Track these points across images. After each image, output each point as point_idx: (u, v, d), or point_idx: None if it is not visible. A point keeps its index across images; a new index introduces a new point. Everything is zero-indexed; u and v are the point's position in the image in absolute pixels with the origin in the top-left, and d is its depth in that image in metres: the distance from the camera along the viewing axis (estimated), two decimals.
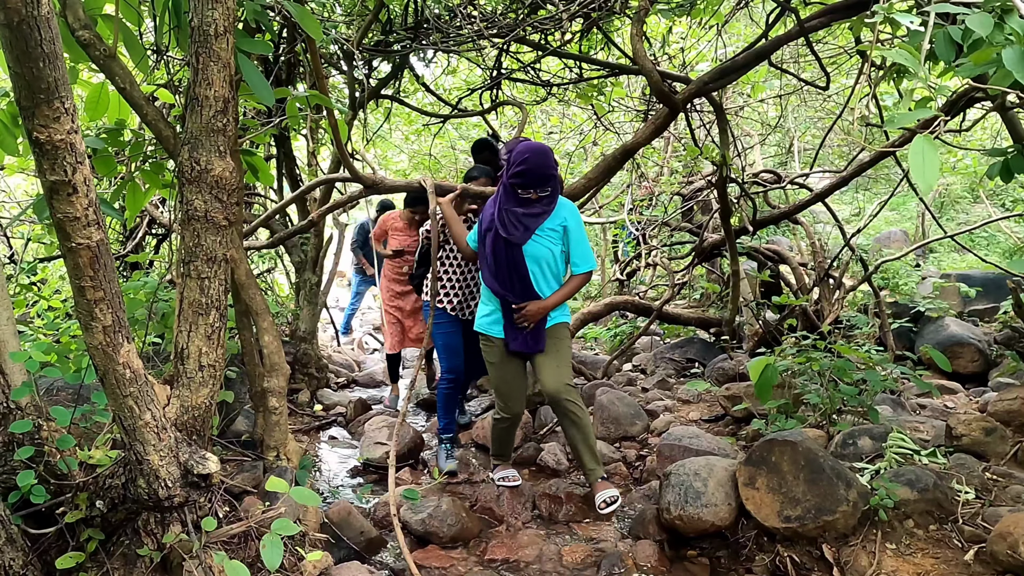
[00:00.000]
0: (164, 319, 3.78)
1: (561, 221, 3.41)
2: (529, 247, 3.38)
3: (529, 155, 3.21)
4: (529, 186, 3.24)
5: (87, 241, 1.76)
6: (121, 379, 1.97)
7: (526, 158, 3.21)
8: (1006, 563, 2.48)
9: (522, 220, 3.32)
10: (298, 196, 4.38)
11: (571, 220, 3.43)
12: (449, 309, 4.20)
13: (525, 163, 3.21)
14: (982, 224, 5.58)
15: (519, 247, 3.36)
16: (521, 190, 3.27)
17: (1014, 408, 3.73)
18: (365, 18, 4.51)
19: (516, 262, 3.37)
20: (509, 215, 3.35)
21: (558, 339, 3.52)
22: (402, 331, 5.50)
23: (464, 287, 4.21)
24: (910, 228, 11.75)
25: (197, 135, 2.32)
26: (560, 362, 3.47)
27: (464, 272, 4.19)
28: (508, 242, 3.35)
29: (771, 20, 4.35)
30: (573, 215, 3.45)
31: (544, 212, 3.34)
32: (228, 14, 2.29)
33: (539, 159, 3.22)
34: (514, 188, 3.29)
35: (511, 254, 3.37)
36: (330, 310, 7.87)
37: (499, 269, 3.42)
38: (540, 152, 3.24)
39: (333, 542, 3.11)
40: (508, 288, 3.43)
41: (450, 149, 10.12)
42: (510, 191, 3.32)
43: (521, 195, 3.29)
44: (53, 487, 2.28)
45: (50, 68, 1.53)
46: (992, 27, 1.93)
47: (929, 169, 1.69)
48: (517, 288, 3.42)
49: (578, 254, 3.47)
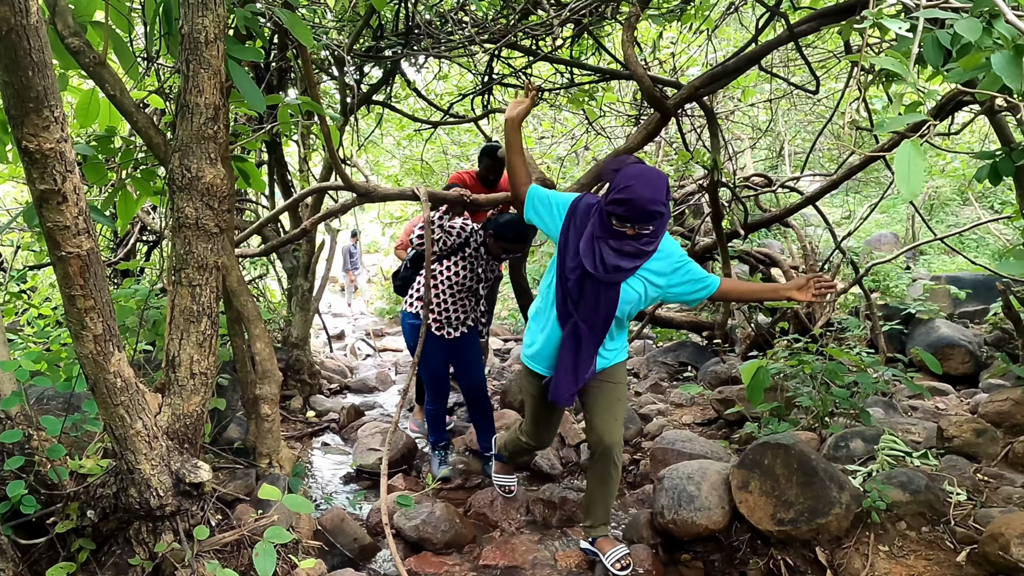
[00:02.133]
0: (155, 326, 3.76)
1: (662, 270, 2.82)
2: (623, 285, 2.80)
3: (635, 183, 2.58)
4: (627, 220, 2.62)
5: (77, 250, 1.75)
6: (112, 388, 1.96)
7: (630, 186, 2.57)
8: (998, 564, 2.49)
9: (608, 257, 2.72)
10: (290, 205, 4.38)
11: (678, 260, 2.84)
12: (435, 328, 3.95)
13: (628, 191, 2.57)
14: (971, 226, 5.62)
15: (615, 286, 2.78)
16: (617, 221, 2.65)
17: (1005, 409, 3.75)
18: (356, 24, 4.50)
19: (607, 300, 2.79)
20: (597, 245, 2.74)
21: (615, 383, 3.04)
22: None
23: (450, 305, 3.93)
24: (900, 231, 11.82)
25: (188, 142, 2.31)
26: (615, 412, 3.03)
27: (453, 287, 3.88)
28: (592, 276, 2.76)
29: (761, 25, 4.37)
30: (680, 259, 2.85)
31: (639, 254, 2.73)
32: (219, 21, 2.29)
33: (647, 190, 2.57)
34: (609, 217, 2.67)
35: (597, 291, 2.79)
36: (322, 316, 7.85)
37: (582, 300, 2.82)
38: (650, 181, 2.60)
39: (327, 549, 3.11)
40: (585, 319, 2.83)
41: (442, 155, 10.12)
42: (604, 219, 2.70)
43: (616, 227, 2.67)
44: (44, 497, 2.26)
45: (39, 77, 1.52)
46: (980, 32, 1.95)
47: (914, 176, 1.70)
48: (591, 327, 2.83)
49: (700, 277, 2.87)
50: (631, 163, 2.69)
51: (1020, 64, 1.86)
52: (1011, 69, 1.86)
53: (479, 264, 3.91)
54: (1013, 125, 3.94)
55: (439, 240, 3.80)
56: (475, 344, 4.16)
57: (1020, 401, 3.70)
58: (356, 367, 7.68)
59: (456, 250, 3.87)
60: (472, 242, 3.85)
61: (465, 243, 3.85)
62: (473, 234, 3.85)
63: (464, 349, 4.08)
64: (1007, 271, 2.73)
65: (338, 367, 7.15)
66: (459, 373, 4.16)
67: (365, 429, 4.62)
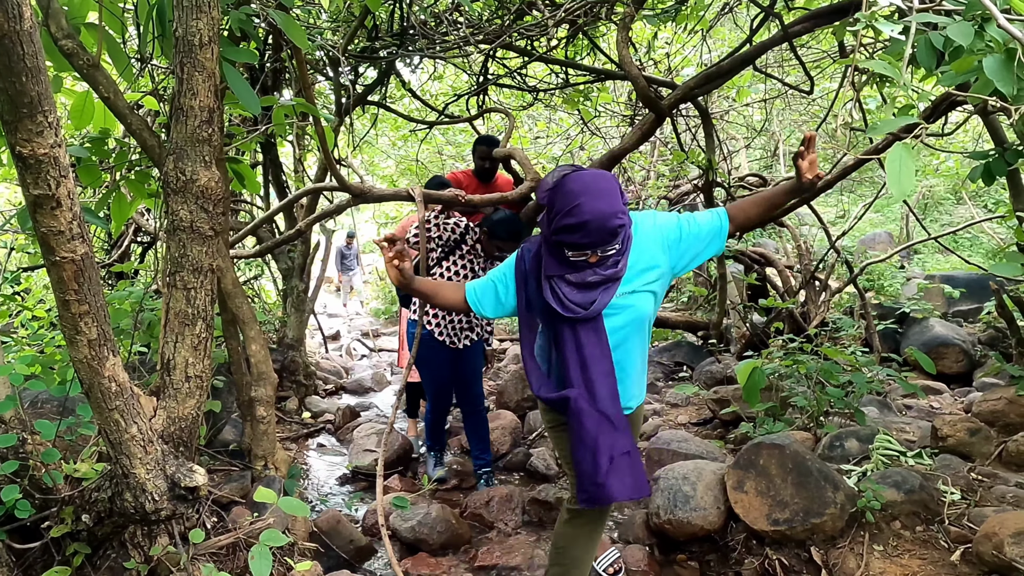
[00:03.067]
0: (150, 329, 3.75)
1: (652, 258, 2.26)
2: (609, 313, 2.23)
3: (584, 198, 2.02)
4: (587, 247, 2.07)
5: (71, 255, 1.75)
6: (107, 393, 1.96)
7: (578, 204, 2.02)
8: (991, 563, 2.50)
9: (572, 295, 2.17)
10: (285, 206, 4.37)
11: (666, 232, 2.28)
12: (437, 334, 3.86)
13: (579, 211, 2.02)
14: (965, 226, 5.63)
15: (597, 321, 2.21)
16: (573, 252, 2.10)
17: (998, 408, 3.76)
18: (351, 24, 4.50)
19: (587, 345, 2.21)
20: (553, 285, 2.20)
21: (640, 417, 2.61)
22: None
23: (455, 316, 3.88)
24: (895, 230, 11.85)
25: (182, 145, 2.31)
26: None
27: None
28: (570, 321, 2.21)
29: (755, 26, 4.37)
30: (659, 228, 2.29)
31: (609, 280, 2.16)
32: (213, 24, 2.28)
33: (600, 203, 2.02)
34: (560, 248, 2.13)
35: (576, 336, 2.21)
36: (318, 316, 7.84)
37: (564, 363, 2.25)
38: (600, 191, 2.05)
39: (322, 551, 3.11)
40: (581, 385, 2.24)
41: (437, 155, 10.11)
42: (555, 252, 2.17)
43: (573, 258, 2.12)
44: (38, 501, 2.26)
45: (33, 82, 1.52)
46: (972, 36, 1.95)
47: (905, 177, 1.71)
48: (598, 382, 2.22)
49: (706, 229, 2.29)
50: (566, 174, 2.14)
51: (1011, 68, 1.87)
52: (1002, 73, 1.87)
53: (478, 263, 3.88)
54: (1006, 125, 3.96)
55: (436, 237, 3.77)
56: (479, 358, 4.08)
57: (1014, 400, 3.72)
58: (352, 368, 7.67)
59: (454, 248, 3.83)
60: (468, 239, 3.84)
61: (462, 239, 3.83)
62: (469, 230, 3.84)
63: (467, 361, 3.99)
64: (1000, 272, 2.74)
65: (333, 368, 7.14)
66: (458, 387, 4.06)
67: (361, 430, 4.62)
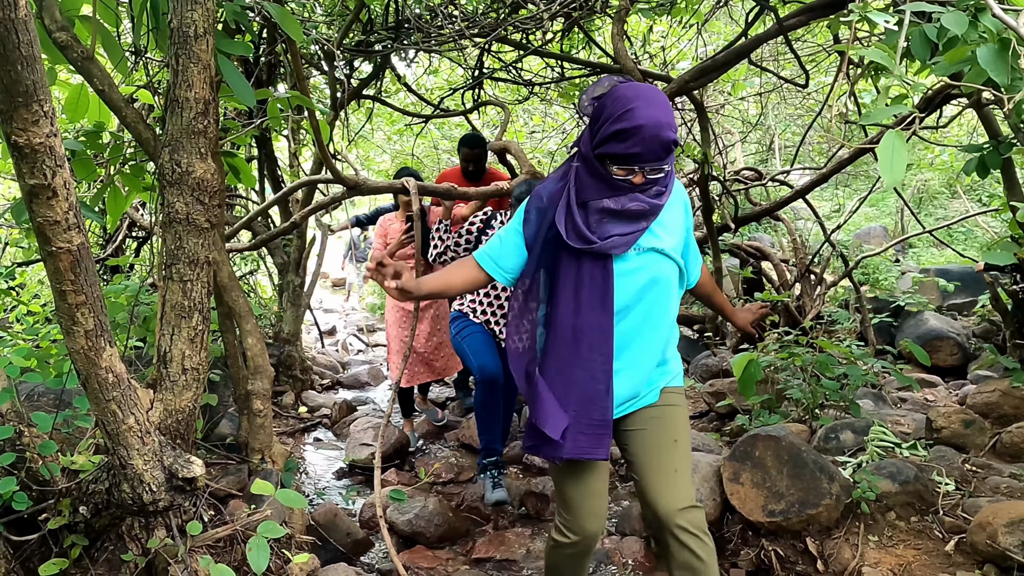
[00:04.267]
0: (146, 323, 3.75)
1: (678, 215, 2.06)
2: (626, 264, 1.96)
3: (638, 104, 1.77)
4: (635, 160, 1.80)
5: (68, 245, 1.75)
6: (104, 383, 1.96)
7: (631, 109, 1.77)
8: (986, 553, 2.52)
9: (612, 220, 1.89)
10: (280, 198, 4.36)
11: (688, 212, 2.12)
12: (487, 323, 3.70)
13: (631, 116, 1.77)
14: (960, 219, 5.64)
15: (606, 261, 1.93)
16: (618, 166, 1.83)
17: (992, 400, 3.78)
18: (346, 18, 4.49)
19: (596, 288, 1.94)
20: (590, 212, 1.90)
21: (672, 418, 2.10)
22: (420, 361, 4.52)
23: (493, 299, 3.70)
24: (889, 224, 11.88)
25: (178, 137, 2.30)
26: (677, 459, 2.05)
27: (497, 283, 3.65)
28: (589, 255, 1.92)
29: (750, 19, 4.38)
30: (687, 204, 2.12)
31: (648, 212, 1.90)
32: (208, 15, 2.28)
33: (655, 111, 1.78)
34: (602, 162, 1.85)
35: (590, 275, 1.93)
36: (314, 311, 7.83)
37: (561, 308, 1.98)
38: (655, 99, 1.80)
39: (320, 544, 3.11)
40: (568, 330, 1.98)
41: (432, 149, 10.10)
42: (595, 168, 1.88)
43: (616, 176, 1.85)
44: (35, 493, 2.26)
45: (28, 71, 1.52)
46: (966, 25, 1.96)
47: (897, 165, 1.72)
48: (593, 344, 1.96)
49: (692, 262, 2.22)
50: (618, 83, 1.90)
51: (1005, 58, 1.88)
52: (996, 63, 1.88)
53: None
54: (1000, 118, 3.97)
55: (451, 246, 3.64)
56: None
57: (1008, 392, 3.74)
58: (348, 363, 7.67)
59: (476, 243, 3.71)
60: (495, 224, 3.70)
61: (483, 232, 3.70)
62: (495, 216, 3.70)
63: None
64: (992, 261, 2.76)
65: (330, 363, 7.14)
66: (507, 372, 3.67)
67: (357, 424, 4.62)
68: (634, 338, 2.02)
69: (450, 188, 3.73)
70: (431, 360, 4.52)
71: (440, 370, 4.58)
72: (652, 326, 2.02)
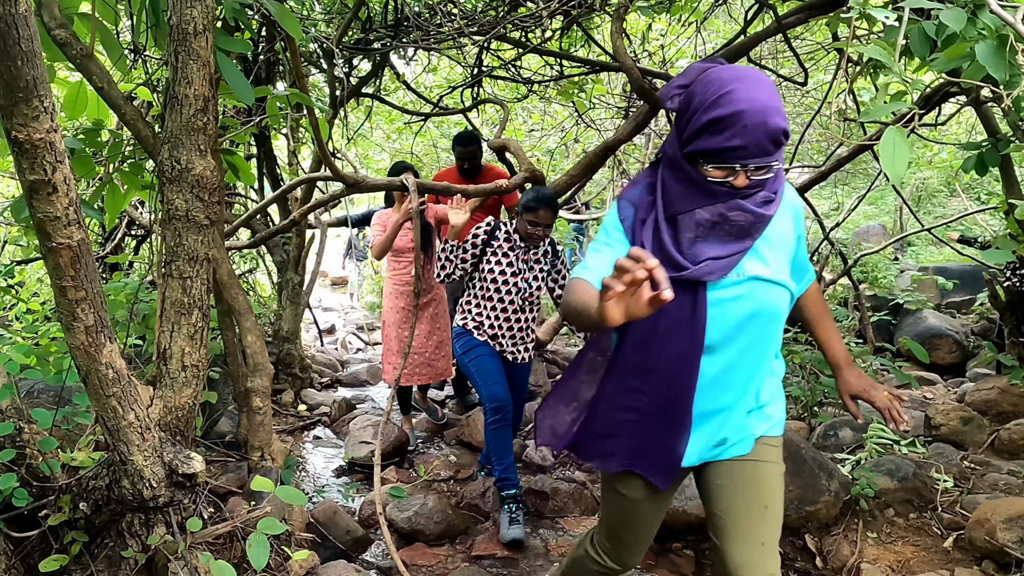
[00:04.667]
0: (145, 320, 3.75)
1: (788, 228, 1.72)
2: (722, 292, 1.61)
3: (737, 85, 1.47)
4: (734, 154, 1.48)
5: (68, 240, 1.75)
6: (104, 379, 1.96)
7: (729, 92, 1.46)
8: (984, 549, 2.53)
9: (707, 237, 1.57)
10: (279, 195, 4.36)
11: (799, 223, 1.78)
12: (496, 345, 3.52)
13: (729, 100, 1.46)
14: (958, 217, 5.64)
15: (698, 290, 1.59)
16: (714, 164, 1.51)
17: (991, 398, 3.79)
18: (345, 16, 4.49)
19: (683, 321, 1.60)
20: (680, 229, 1.59)
21: (765, 479, 1.78)
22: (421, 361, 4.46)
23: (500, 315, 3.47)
24: (888, 222, 11.89)
25: (177, 134, 2.30)
26: (766, 529, 1.76)
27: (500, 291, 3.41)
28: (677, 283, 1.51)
29: (749, 17, 4.38)
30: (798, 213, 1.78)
31: (757, 221, 1.56)
32: (207, 12, 2.28)
33: (759, 92, 1.46)
34: (694, 162, 1.54)
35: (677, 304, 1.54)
36: (313, 310, 7.83)
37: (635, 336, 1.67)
38: (759, 81, 1.49)
39: (319, 541, 3.11)
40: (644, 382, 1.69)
41: (432, 148, 10.10)
42: (685, 171, 1.56)
43: (712, 179, 1.53)
44: (35, 490, 2.26)
45: (29, 66, 1.52)
46: (965, 22, 1.97)
47: (899, 160, 1.72)
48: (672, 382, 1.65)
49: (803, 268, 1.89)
50: (707, 68, 1.58)
51: (1003, 54, 1.88)
52: (994, 59, 1.88)
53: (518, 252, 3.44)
54: (999, 116, 3.97)
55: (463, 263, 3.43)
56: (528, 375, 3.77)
57: (1006, 389, 3.75)
58: (347, 361, 7.67)
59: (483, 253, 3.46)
60: (499, 234, 3.46)
61: (487, 245, 3.46)
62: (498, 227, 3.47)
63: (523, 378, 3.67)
64: (992, 260, 2.76)
65: (329, 361, 7.14)
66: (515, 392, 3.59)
67: (356, 422, 4.62)
68: (726, 378, 1.69)
69: (448, 185, 3.74)
70: (432, 360, 4.52)
71: (441, 370, 4.57)
72: (749, 365, 1.69)
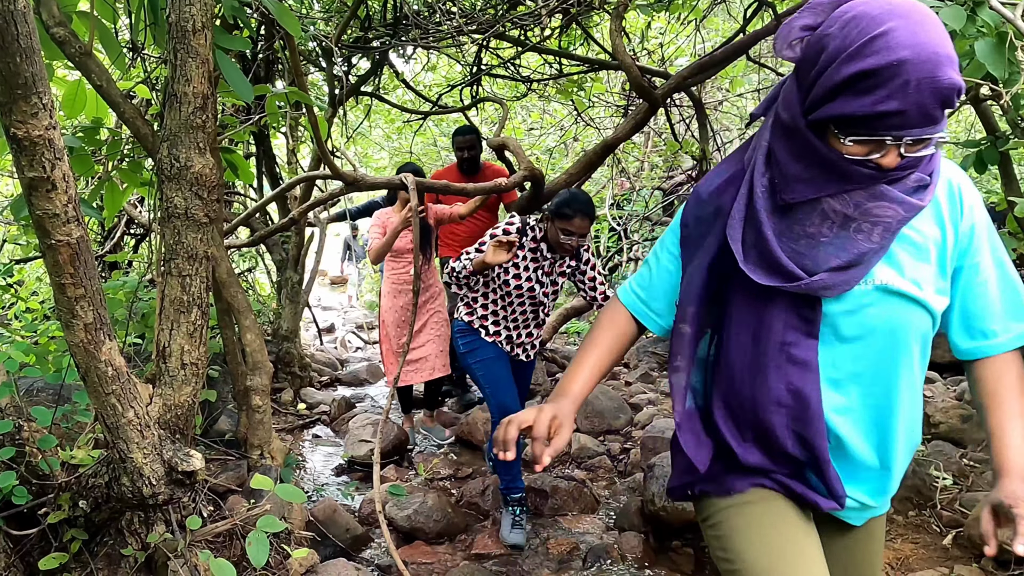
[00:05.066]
0: (144, 319, 3.75)
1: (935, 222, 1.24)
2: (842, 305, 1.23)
3: (895, 27, 1.03)
4: (890, 125, 1.05)
5: (67, 238, 1.75)
6: (103, 377, 1.96)
7: (882, 35, 1.03)
8: (983, 547, 2.53)
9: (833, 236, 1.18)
10: (279, 194, 4.36)
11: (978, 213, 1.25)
12: (500, 343, 3.34)
13: (880, 49, 1.03)
14: None
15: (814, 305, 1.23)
16: (857, 137, 1.09)
17: None
18: (344, 14, 4.49)
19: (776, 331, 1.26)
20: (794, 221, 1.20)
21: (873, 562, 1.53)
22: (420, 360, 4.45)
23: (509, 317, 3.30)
24: None
25: (176, 132, 2.30)
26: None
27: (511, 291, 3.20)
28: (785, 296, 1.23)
29: (749, 15, 4.38)
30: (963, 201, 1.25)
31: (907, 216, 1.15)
32: (206, 10, 2.28)
33: (926, 36, 1.02)
34: (822, 132, 1.13)
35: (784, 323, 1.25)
36: (312, 309, 7.83)
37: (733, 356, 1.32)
38: (922, 20, 1.03)
39: (319, 540, 3.11)
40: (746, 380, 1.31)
41: (431, 146, 10.10)
42: (808, 143, 1.14)
43: (851, 156, 1.11)
44: (35, 488, 2.26)
45: (27, 63, 1.51)
46: (964, 20, 1.97)
47: None
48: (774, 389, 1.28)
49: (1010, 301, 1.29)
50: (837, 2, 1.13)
51: (1003, 51, 1.88)
52: (994, 56, 1.88)
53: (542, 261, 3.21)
54: (998, 114, 3.97)
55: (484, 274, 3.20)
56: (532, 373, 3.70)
57: None
58: (346, 360, 7.67)
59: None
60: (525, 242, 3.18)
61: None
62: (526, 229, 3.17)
63: (526, 376, 3.60)
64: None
65: (328, 360, 7.14)
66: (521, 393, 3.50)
67: (356, 421, 4.62)
68: (845, 423, 1.30)
69: (447, 184, 3.74)
70: (431, 359, 4.51)
71: (441, 368, 4.57)
72: (876, 406, 1.29)
